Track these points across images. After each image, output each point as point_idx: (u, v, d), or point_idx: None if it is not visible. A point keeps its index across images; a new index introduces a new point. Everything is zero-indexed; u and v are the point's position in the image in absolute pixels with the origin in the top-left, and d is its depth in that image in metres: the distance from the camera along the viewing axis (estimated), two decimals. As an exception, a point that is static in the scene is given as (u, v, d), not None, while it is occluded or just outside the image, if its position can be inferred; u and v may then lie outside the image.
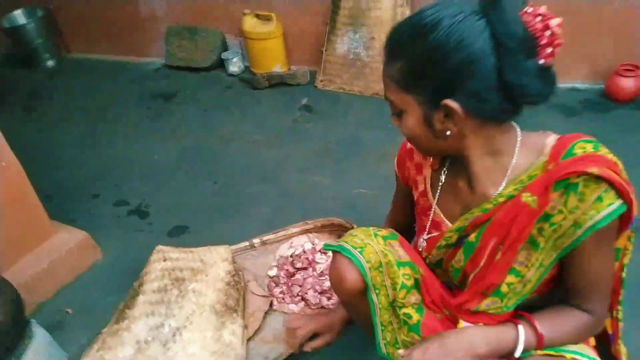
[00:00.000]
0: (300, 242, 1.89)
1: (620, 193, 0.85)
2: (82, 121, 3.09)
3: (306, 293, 1.69)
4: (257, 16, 3.11)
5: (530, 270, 0.96)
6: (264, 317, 1.66)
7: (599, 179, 0.85)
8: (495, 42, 0.82)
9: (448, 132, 0.92)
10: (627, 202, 0.86)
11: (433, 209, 1.10)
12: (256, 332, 1.62)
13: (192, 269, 1.73)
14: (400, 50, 0.90)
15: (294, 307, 1.67)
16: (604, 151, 0.89)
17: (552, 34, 0.83)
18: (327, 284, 1.68)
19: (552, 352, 0.97)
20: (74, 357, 1.59)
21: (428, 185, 1.12)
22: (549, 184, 0.89)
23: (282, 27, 3.12)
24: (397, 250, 1.13)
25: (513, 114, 0.91)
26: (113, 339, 1.55)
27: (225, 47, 3.44)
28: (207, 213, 2.22)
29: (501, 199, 0.96)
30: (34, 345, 1.46)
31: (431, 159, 1.12)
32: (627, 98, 2.53)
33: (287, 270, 1.77)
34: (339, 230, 1.92)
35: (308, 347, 1.48)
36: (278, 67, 3.19)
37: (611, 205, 0.85)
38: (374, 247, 1.10)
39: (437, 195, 1.09)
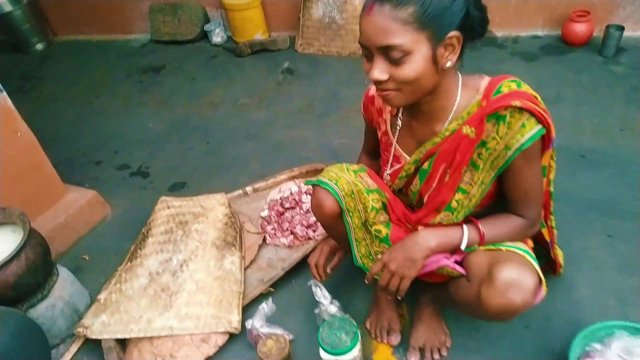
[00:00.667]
0: (288, 187, 2.11)
1: (539, 120, 1.07)
2: (76, 99, 3.26)
3: (295, 228, 1.91)
4: (236, -13, 3.28)
5: (474, 188, 1.18)
6: (258, 250, 1.89)
7: (521, 110, 1.06)
8: None
9: (448, 64, 1.05)
10: (546, 126, 1.08)
11: (394, 146, 1.31)
12: (252, 261, 1.86)
13: (194, 213, 1.96)
14: None
15: (284, 240, 1.90)
16: (525, 87, 1.10)
17: None
18: (313, 219, 1.91)
19: (491, 247, 1.20)
20: (93, 293, 1.81)
21: (388, 127, 1.33)
22: (483, 117, 1.10)
23: (260, -4, 3.29)
24: (367, 180, 1.34)
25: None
26: (128, 273, 1.78)
27: (207, 20, 3.61)
28: (202, 170, 2.43)
29: (447, 133, 1.17)
30: (60, 281, 1.69)
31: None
32: (581, 42, 2.75)
33: (277, 210, 1.99)
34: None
35: (328, 269, 1.50)
36: (259, 35, 3.37)
37: (532, 129, 1.07)
38: (347, 178, 1.30)
39: (396, 135, 1.30)
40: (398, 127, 1.29)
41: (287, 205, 2.00)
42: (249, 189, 2.14)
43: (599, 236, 1.74)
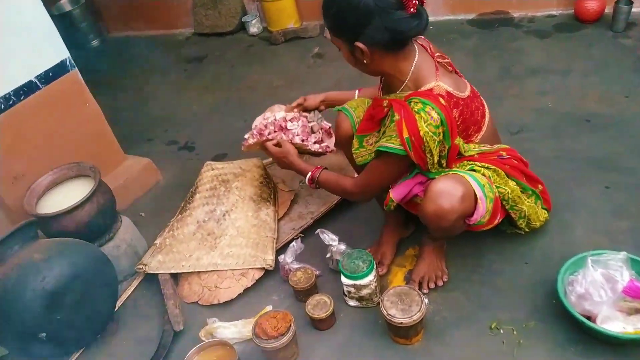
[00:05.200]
0: (272, 113, 2.03)
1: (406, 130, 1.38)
2: (129, 87, 3.62)
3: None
4: (271, -19, 3.57)
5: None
6: (290, 205, 2.15)
7: (399, 122, 1.38)
8: (375, 3, 1.33)
9: (365, 61, 1.43)
10: (405, 149, 1.39)
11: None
12: (285, 214, 2.12)
13: (234, 173, 2.24)
14: (325, 12, 1.44)
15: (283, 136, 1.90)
16: (417, 108, 1.37)
17: None
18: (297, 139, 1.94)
19: (442, 172, 1.47)
20: (149, 241, 2.11)
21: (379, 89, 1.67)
22: (395, 104, 1.42)
23: (292, -12, 3.56)
24: None
25: (403, 45, 1.43)
26: (179, 222, 2.08)
27: (245, 12, 3.92)
28: (241, 143, 2.71)
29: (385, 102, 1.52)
30: (123, 227, 2.01)
31: None
32: (593, 18, 2.88)
33: (259, 132, 1.98)
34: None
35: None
36: (292, 24, 3.65)
37: (394, 145, 1.40)
38: (364, 108, 1.68)
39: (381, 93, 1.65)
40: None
41: (268, 131, 1.96)
42: (282, 155, 2.41)
43: (596, 187, 1.91)
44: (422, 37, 1.56)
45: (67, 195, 1.90)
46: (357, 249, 1.68)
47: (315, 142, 1.90)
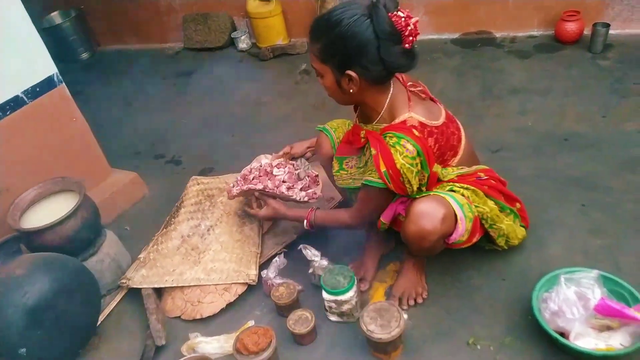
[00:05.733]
0: (257, 160, 2.05)
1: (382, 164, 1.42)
2: (119, 100, 3.64)
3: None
4: (259, -2, 3.63)
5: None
6: (274, 221, 2.17)
7: (376, 157, 1.42)
8: (376, 34, 1.35)
9: (351, 91, 1.44)
10: (384, 181, 1.44)
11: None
12: (269, 229, 2.14)
13: (219, 188, 2.26)
14: (318, 37, 1.42)
15: (268, 183, 1.89)
16: (392, 142, 1.41)
17: (412, 29, 1.36)
18: (284, 187, 1.91)
19: (423, 193, 1.50)
20: (134, 255, 2.11)
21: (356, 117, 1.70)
22: (371, 138, 1.47)
23: (281, 5, 3.63)
24: None
25: (388, 78, 1.47)
26: (163, 237, 2.09)
27: (234, 28, 3.98)
28: (228, 158, 2.74)
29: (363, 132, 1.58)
30: (107, 241, 2.01)
31: None
32: (572, 39, 2.97)
33: (243, 178, 1.97)
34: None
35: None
36: (280, 41, 3.71)
37: (374, 179, 1.47)
38: (344, 129, 1.74)
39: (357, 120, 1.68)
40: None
41: (252, 176, 1.95)
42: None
43: (574, 206, 1.96)
44: None
45: (52, 210, 1.91)
46: (338, 264, 1.70)
47: (301, 189, 1.91)
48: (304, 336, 1.63)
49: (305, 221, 1.75)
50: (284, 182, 1.91)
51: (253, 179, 1.92)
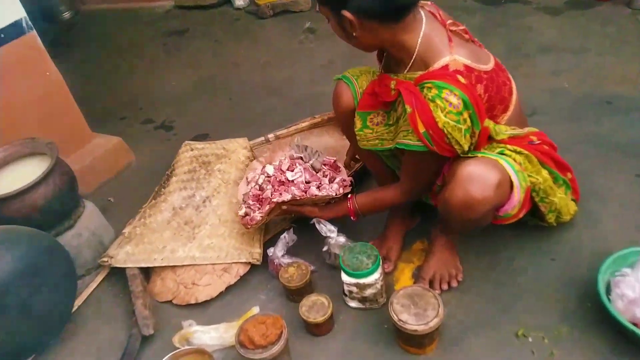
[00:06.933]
0: (254, 174, 1.65)
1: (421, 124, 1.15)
2: (103, 62, 3.32)
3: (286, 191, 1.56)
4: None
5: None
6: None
7: (412, 115, 1.15)
8: None
9: (354, 34, 1.21)
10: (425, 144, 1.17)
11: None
12: (268, 214, 1.85)
13: (217, 154, 1.97)
14: None
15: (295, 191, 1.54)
16: (432, 94, 1.14)
17: None
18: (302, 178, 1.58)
19: (469, 155, 1.23)
20: (118, 231, 1.83)
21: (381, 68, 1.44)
22: (404, 91, 1.18)
23: (281, -42, 3.29)
24: None
25: (400, 14, 1.18)
26: (152, 209, 1.81)
27: (229, -16, 3.63)
28: (224, 124, 2.45)
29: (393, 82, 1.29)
30: (86, 214, 1.74)
31: None
32: (608, -6, 2.68)
33: (253, 194, 1.58)
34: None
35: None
36: (281, -3, 3.37)
37: (411, 141, 1.20)
38: (368, 77, 1.45)
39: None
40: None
41: (268, 192, 1.56)
42: (271, 136, 2.15)
43: (625, 175, 1.70)
44: (430, 1, 1.32)
45: (20, 177, 1.61)
46: (359, 242, 1.44)
47: (329, 182, 1.59)
48: (319, 325, 1.37)
49: (350, 215, 1.47)
50: (307, 182, 1.57)
51: (272, 194, 1.54)
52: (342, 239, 1.53)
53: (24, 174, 1.61)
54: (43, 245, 1.43)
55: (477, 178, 1.16)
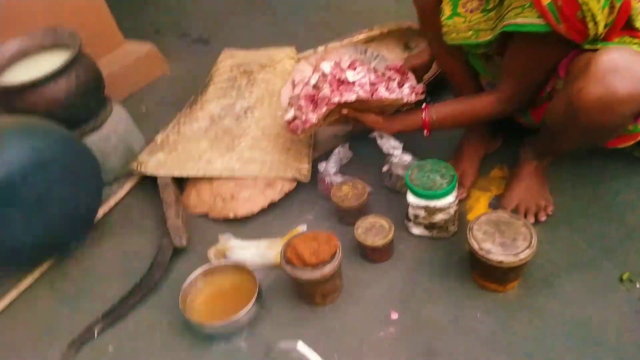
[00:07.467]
0: (302, 75, 1.41)
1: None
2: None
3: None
4: None
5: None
6: (331, 108, 1.67)
7: None
8: None
9: None
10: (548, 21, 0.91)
11: None
12: (325, 118, 1.63)
13: (261, 64, 1.74)
14: None
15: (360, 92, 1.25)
16: None
17: None
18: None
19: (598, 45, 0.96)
20: (149, 140, 1.64)
21: None
22: None
23: None
24: None
25: None
26: (188, 117, 1.60)
27: None
28: (266, 38, 2.18)
29: None
30: (114, 116, 1.56)
31: None
32: None
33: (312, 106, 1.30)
34: (408, 35, 1.86)
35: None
36: None
37: (528, 19, 0.93)
38: None
39: None
40: None
41: (326, 90, 1.27)
42: (320, 48, 1.90)
43: None
44: None
45: (41, 70, 1.41)
46: (431, 159, 1.20)
47: (399, 86, 1.30)
48: (378, 250, 1.16)
49: (424, 128, 1.19)
50: (372, 84, 1.28)
51: (331, 93, 1.24)
52: (407, 158, 1.29)
53: (45, 67, 1.40)
54: (62, 141, 1.24)
55: (623, 69, 0.88)
